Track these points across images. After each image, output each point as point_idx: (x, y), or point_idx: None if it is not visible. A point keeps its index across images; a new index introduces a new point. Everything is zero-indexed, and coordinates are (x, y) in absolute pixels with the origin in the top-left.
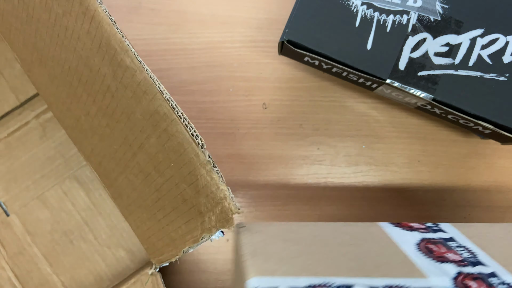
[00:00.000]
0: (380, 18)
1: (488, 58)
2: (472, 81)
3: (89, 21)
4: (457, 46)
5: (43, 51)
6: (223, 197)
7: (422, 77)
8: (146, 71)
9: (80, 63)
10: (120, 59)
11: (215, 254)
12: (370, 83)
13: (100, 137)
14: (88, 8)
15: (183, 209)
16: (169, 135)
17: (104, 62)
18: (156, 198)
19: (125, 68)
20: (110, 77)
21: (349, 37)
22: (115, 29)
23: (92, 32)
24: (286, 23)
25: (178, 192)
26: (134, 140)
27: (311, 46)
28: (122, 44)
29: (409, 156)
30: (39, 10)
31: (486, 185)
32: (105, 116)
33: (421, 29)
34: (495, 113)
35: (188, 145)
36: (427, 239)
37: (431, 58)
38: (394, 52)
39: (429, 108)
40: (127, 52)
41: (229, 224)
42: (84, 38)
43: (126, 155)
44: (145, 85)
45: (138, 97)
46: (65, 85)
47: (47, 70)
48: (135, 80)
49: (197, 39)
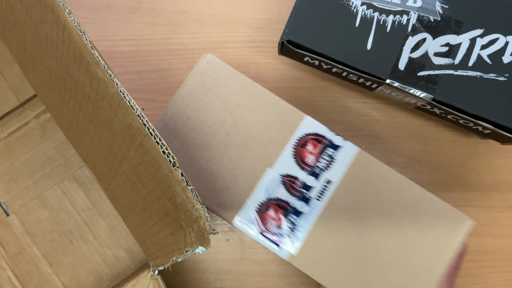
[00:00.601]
0: (380, 18)
1: (488, 58)
2: (472, 81)
3: (62, 30)
4: (457, 46)
5: (33, 55)
6: (198, 216)
7: (422, 77)
8: (116, 84)
9: (63, 70)
10: (93, 70)
11: (215, 254)
12: (370, 83)
13: (91, 142)
14: (59, 17)
15: (167, 221)
16: (145, 149)
17: (81, 72)
18: (144, 207)
19: (99, 79)
20: (88, 87)
21: (349, 37)
22: (85, 41)
23: (66, 42)
24: (286, 23)
25: (161, 205)
26: (118, 149)
27: (311, 46)
28: (93, 56)
29: (409, 156)
30: (23, 15)
31: (486, 185)
32: (91, 123)
33: (421, 29)
34: (495, 113)
35: (163, 161)
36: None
37: (431, 58)
38: (394, 52)
39: (429, 108)
40: (97, 64)
41: (205, 243)
42: (61, 46)
43: (114, 162)
44: (117, 98)
45: (114, 109)
46: (55, 89)
47: (39, 73)
48: (108, 92)
49: (197, 39)
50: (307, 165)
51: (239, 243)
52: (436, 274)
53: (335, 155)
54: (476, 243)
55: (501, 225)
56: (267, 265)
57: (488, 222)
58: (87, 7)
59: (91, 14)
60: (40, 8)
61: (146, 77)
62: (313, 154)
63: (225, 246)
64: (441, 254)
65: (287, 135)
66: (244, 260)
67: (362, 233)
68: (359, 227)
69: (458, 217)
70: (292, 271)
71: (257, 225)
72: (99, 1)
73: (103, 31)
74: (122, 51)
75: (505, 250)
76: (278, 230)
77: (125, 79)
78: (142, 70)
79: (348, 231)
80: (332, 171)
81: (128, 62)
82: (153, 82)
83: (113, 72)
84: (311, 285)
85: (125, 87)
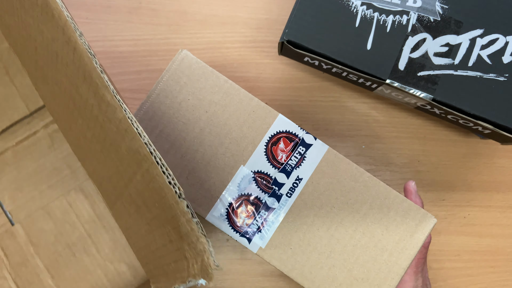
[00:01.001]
0: (380, 18)
1: (488, 58)
2: (472, 81)
3: (72, 51)
4: (457, 46)
5: (44, 70)
6: (202, 250)
7: (421, 77)
8: (125, 110)
9: (72, 88)
10: (102, 93)
11: (215, 253)
12: (370, 83)
13: (97, 160)
14: (70, 39)
15: (171, 249)
16: (151, 177)
17: (90, 93)
18: (148, 231)
19: (107, 103)
20: (97, 109)
21: (349, 37)
22: (94, 64)
23: (76, 63)
24: (286, 23)
25: (165, 232)
26: (124, 172)
27: (311, 46)
28: (102, 80)
29: (409, 156)
30: (34, 30)
31: (485, 185)
32: (99, 142)
33: (420, 29)
34: (495, 113)
35: (168, 190)
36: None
37: (430, 58)
38: (394, 52)
39: (429, 108)
40: (106, 88)
41: (209, 278)
42: (71, 66)
43: (120, 183)
44: (125, 123)
45: (121, 133)
46: (64, 105)
47: (49, 87)
48: (116, 116)
49: (197, 39)
50: (278, 162)
51: (239, 243)
52: (400, 269)
53: (305, 153)
54: (476, 243)
55: (501, 225)
56: (267, 265)
57: (488, 222)
58: (87, 7)
59: (91, 14)
60: (51, 26)
61: (146, 77)
62: (284, 152)
63: (225, 246)
64: (405, 250)
65: (260, 132)
66: (244, 260)
67: (330, 228)
68: (326, 223)
69: (421, 215)
70: None
71: (229, 220)
72: (99, 1)
73: (103, 31)
74: (122, 51)
75: (505, 250)
76: (249, 225)
77: (125, 79)
78: (142, 70)
79: (316, 227)
80: (302, 169)
81: (128, 62)
82: (153, 82)
83: (117, 91)
84: None
85: (125, 87)
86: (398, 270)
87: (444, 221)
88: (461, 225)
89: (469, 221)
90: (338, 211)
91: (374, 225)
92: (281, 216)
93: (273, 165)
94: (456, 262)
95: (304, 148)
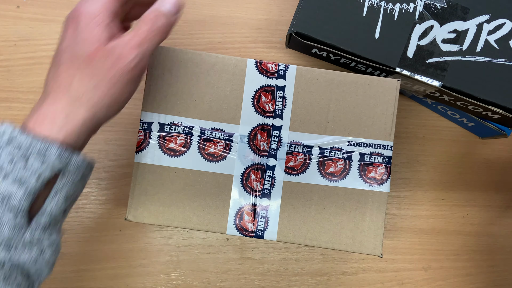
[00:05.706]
0: (387, 7)
1: (495, 43)
2: (480, 66)
3: None
4: (464, 32)
5: None
6: None
7: (430, 64)
8: None
9: None
10: None
11: (215, 253)
12: (379, 72)
13: None
14: None
15: None
16: None
17: None
18: None
19: None
20: None
21: (357, 27)
22: None
23: None
24: (294, 15)
25: None
26: None
27: (319, 37)
28: None
29: (408, 155)
30: None
31: (485, 184)
32: None
33: (428, 16)
34: (504, 97)
35: None
36: (265, 86)
37: (439, 45)
38: (402, 40)
39: (438, 95)
40: None
41: None
42: None
43: None
44: None
45: None
46: None
47: None
48: None
49: (197, 40)
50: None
51: (239, 243)
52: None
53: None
54: (475, 243)
55: (501, 225)
56: (266, 264)
57: (487, 222)
58: None
59: None
60: None
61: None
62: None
63: (225, 246)
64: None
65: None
66: (244, 259)
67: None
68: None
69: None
70: (292, 271)
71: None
72: None
73: None
74: None
75: (504, 249)
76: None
77: None
78: None
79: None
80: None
81: None
82: None
83: None
84: (310, 285)
85: None
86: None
87: (443, 220)
88: (460, 224)
89: (468, 220)
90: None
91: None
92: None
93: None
94: (455, 261)
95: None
